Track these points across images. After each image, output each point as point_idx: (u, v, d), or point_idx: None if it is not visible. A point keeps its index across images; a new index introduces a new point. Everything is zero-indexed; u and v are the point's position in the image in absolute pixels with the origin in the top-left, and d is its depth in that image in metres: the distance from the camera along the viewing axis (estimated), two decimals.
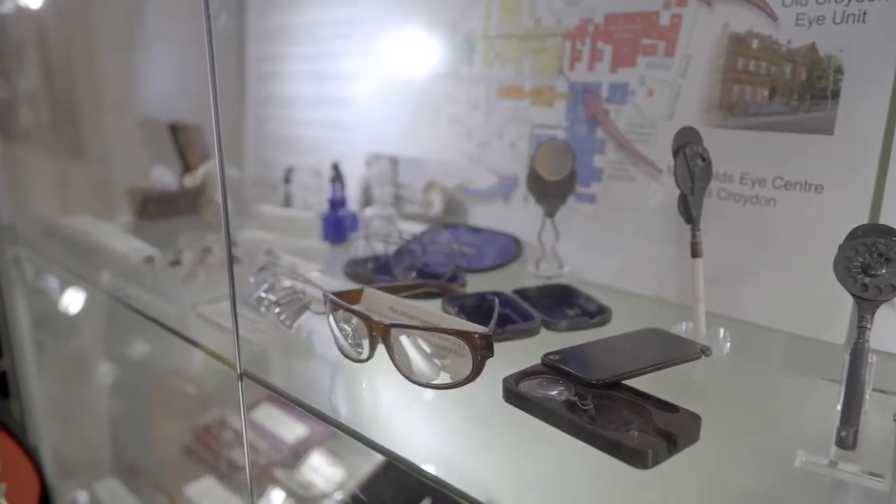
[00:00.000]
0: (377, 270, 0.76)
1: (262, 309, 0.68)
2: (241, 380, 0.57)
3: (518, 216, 0.85)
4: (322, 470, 1.11)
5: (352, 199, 1.02)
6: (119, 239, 0.94)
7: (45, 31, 1.76)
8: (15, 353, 1.09)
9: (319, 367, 0.63)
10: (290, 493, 1.08)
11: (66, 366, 1.37)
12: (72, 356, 1.40)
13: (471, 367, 0.51)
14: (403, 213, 0.95)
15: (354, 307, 0.57)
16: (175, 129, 1.15)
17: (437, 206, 0.93)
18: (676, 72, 0.68)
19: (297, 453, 1.16)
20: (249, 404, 1.33)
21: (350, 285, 0.77)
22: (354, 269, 0.77)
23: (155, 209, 1.06)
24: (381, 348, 0.55)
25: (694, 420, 0.44)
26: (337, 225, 0.94)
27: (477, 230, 0.86)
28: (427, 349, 0.52)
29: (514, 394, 0.50)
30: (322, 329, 0.65)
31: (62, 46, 1.68)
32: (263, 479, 1.14)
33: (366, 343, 0.56)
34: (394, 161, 0.97)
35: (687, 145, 0.58)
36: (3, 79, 1.62)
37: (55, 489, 1.19)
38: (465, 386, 0.51)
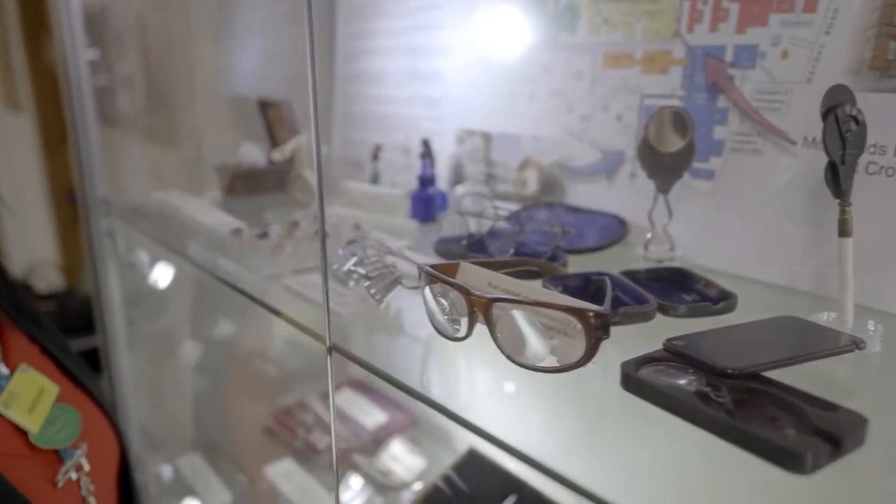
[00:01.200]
0: (471, 248, 0.72)
1: (351, 283, 0.64)
2: (331, 353, 0.53)
3: (622, 195, 0.78)
4: (402, 458, 1.08)
5: (441, 178, 0.97)
6: (207, 213, 0.93)
7: (140, 17, 1.81)
8: (106, 327, 1.11)
9: (409, 345, 0.59)
10: (370, 479, 1.05)
11: (154, 341, 1.40)
12: (159, 332, 1.43)
13: (583, 349, 0.45)
14: (496, 192, 0.90)
15: (449, 279, 0.52)
16: (264, 106, 1.14)
17: (531, 185, 0.88)
18: (818, 29, 0.60)
19: (377, 440, 1.13)
20: (328, 389, 1.31)
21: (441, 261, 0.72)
22: (446, 247, 0.73)
23: (242, 185, 1.05)
24: (479, 327, 0.50)
25: (858, 421, 0.37)
26: (426, 203, 0.90)
27: (576, 209, 0.80)
28: (534, 328, 0.47)
29: (635, 380, 0.44)
30: (413, 305, 0.61)
31: (157, 30, 1.72)
32: (343, 464, 1.12)
33: (464, 320, 0.51)
34: (486, 137, 0.92)
35: (839, 106, 0.50)
36: (104, 65, 1.66)
37: (139, 460, 1.21)
38: (573, 371, 0.45)
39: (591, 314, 0.44)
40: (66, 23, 0.99)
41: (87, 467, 0.63)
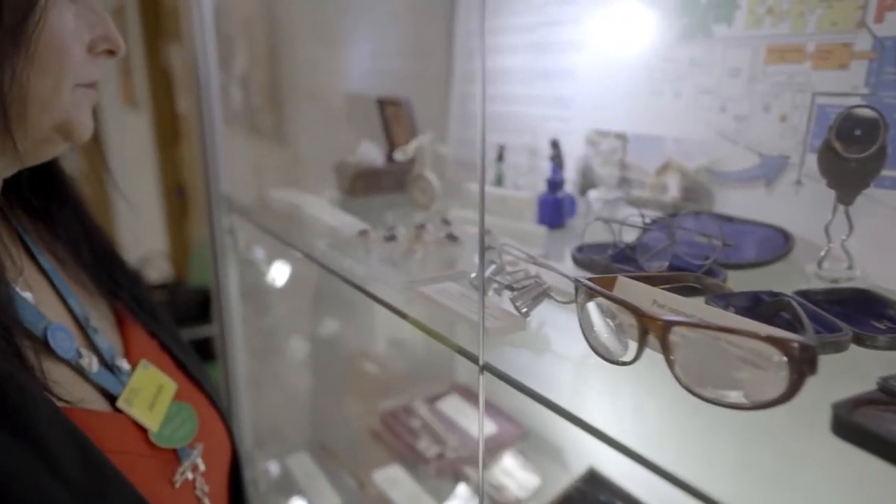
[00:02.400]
0: (616, 259, 0.66)
1: (490, 292, 0.60)
2: (482, 373, 0.49)
3: (784, 204, 0.70)
4: (515, 473, 1.03)
5: (568, 181, 0.92)
6: (330, 213, 0.91)
7: (254, 15, 1.85)
8: (224, 322, 1.12)
9: (561, 365, 0.54)
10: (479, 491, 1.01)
11: (267, 337, 1.41)
12: (272, 328, 1.44)
13: (781, 385, 0.39)
14: (631, 198, 0.84)
15: (615, 296, 0.47)
16: (382, 104, 1.12)
17: (672, 191, 0.81)
18: None
19: (487, 451, 1.09)
20: (435, 395, 1.28)
21: (583, 273, 0.67)
22: (587, 256, 0.68)
23: (361, 185, 1.03)
24: (648, 350, 0.45)
25: None
26: (555, 207, 0.85)
27: (728, 219, 0.73)
28: (720, 357, 0.41)
29: (850, 425, 0.38)
30: (562, 321, 0.57)
31: (271, 28, 1.75)
32: (450, 474, 1.09)
33: (631, 342, 0.46)
34: (622, 138, 0.86)
35: None
36: (222, 64, 1.70)
37: (248, 457, 1.22)
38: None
39: (796, 346, 0.38)
40: (197, 22, 1.00)
41: (202, 467, 0.62)
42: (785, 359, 0.38)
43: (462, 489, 1.05)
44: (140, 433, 0.58)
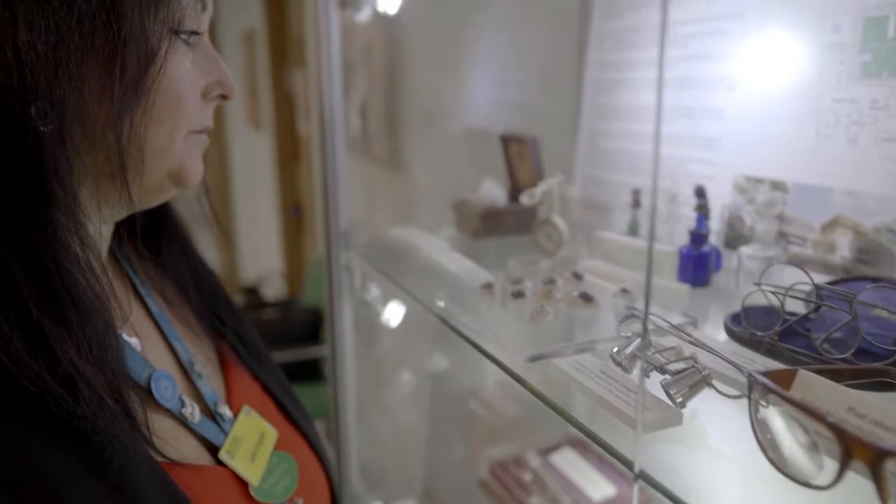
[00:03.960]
0: (783, 336, 0.57)
1: (634, 371, 0.53)
2: (637, 481, 0.42)
3: None
4: None
5: (711, 231, 0.83)
6: (447, 257, 0.87)
7: (375, 42, 1.86)
8: (336, 362, 1.10)
9: (721, 469, 0.46)
10: None
11: (377, 367, 1.39)
12: (383, 359, 1.42)
13: None
14: (792, 257, 0.74)
15: (806, 405, 0.39)
16: (506, 141, 1.07)
17: (842, 251, 0.70)
18: None
19: None
20: (548, 446, 1.21)
21: (738, 349, 0.59)
22: (747, 330, 0.59)
23: (482, 226, 0.98)
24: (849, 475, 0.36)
25: None
26: (699, 263, 0.77)
27: None
28: None
29: None
30: (715, 408, 0.49)
31: (390, 56, 1.75)
32: None
33: (829, 462, 0.37)
34: (780, 187, 0.77)
35: None
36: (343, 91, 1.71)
37: (352, 500, 1.19)
38: None
39: None
40: (324, 49, 1.00)
41: None
42: None
43: None
44: (240, 487, 0.56)
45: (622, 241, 0.83)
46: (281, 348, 2.45)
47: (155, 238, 0.64)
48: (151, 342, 0.58)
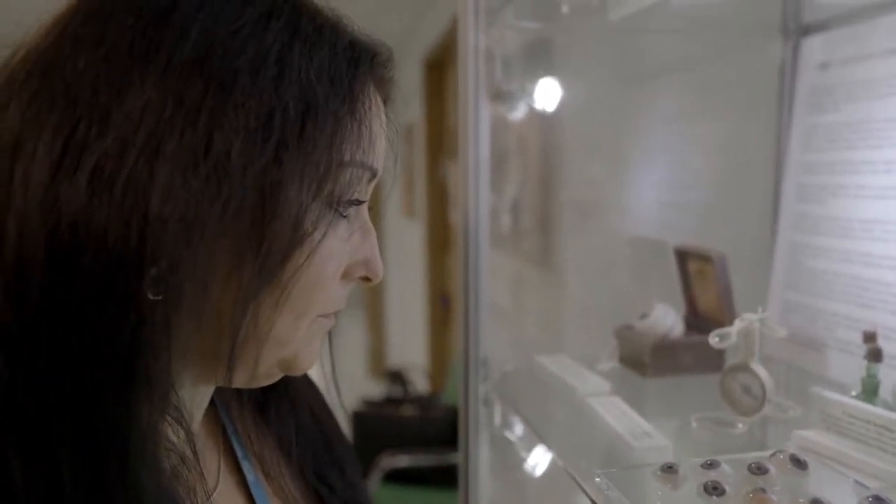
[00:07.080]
0: None
1: None
2: None
3: None
4: None
5: None
6: (611, 409, 0.69)
7: (529, 137, 1.75)
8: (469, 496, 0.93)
9: None
10: None
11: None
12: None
13: None
14: None
15: None
16: (682, 256, 0.89)
17: None
18: None
19: None
20: None
21: None
22: None
23: (652, 363, 0.80)
24: None
25: None
26: None
27: None
28: None
29: None
30: None
31: (544, 151, 1.64)
32: None
33: None
34: None
35: None
36: (493, 185, 1.61)
37: None
38: None
39: None
40: (472, 140, 0.90)
41: None
42: None
43: None
44: None
45: (852, 406, 0.60)
46: (418, 451, 2.32)
47: (263, 393, 0.54)
48: None
